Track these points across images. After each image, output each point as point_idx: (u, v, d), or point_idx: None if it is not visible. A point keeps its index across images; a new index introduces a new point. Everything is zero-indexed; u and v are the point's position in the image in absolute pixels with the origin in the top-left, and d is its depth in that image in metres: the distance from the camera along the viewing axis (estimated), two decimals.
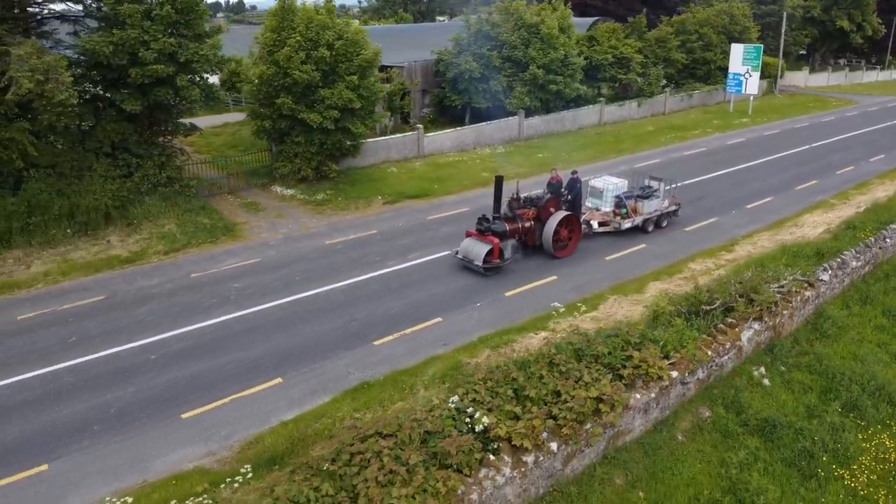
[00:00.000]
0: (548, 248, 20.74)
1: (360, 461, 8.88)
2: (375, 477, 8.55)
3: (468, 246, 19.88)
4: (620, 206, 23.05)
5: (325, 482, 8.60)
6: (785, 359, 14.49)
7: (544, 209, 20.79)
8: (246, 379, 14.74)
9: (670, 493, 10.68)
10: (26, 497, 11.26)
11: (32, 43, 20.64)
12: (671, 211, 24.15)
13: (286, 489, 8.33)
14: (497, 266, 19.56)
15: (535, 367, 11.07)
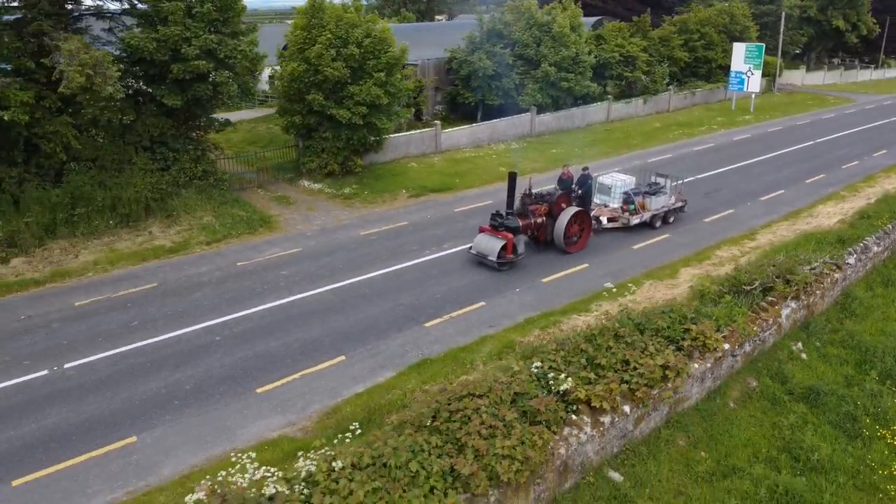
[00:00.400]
0: (559, 244, 21.07)
1: (461, 417, 9.72)
2: (478, 430, 9.39)
3: (482, 241, 20.18)
4: (628, 202, 23.49)
5: (433, 435, 9.44)
6: (819, 335, 15.50)
7: (556, 205, 21.12)
8: (310, 357, 15.53)
9: (730, 453, 11.61)
10: (124, 465, 12.00)
11: (79, 38, 21.34)
12: (678, 207, 24.63)
13: (401, 440, 9.16)
14: (510, 261, 19.90)
15: (601, 339, 11.95)
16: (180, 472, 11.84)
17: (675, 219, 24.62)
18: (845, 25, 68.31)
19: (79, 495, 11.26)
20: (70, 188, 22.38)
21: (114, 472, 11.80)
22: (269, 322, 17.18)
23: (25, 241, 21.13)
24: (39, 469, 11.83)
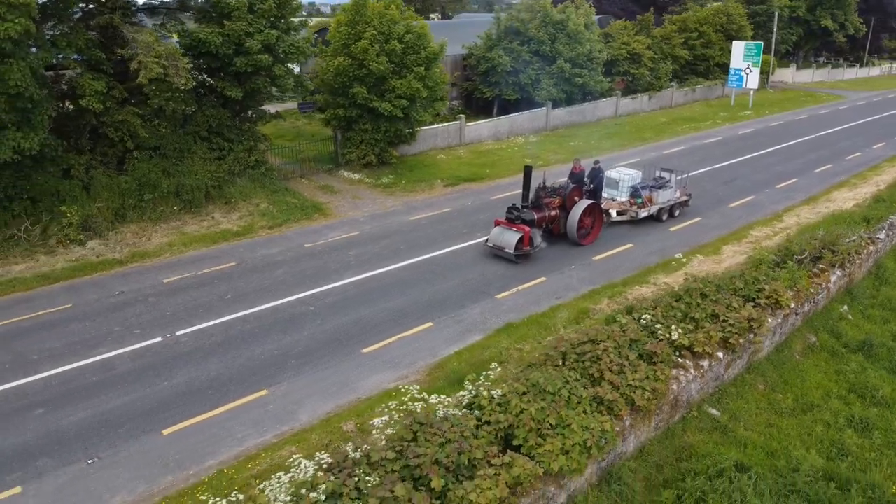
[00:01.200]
0: (572, 236, 21.53)
1: (590, 358, 11.34)
2: (609, 367, 11.02)
3: (498, 234, 20.49)
4: (636, 195, 24.14)
5: (569, 371, 11.04)
6: (861, 299, 17.39)
7: (569, 198, 21.56)
8: (401, 323, 17.02)
9: (805, 393, 13.37)
10: (263, 414, 13.42)
11: (150, 31, 22.61)
12: (683, 201, 25.35)
13: (542, 374, 10.74)
14: (527, 253, 20.33)
15: (688, 298, 13.63)
16: (318, 417, 13.30)
17: (680, 212, 25.35)
18: (833, 25, 71.13)
19: (229, 440, 12.65)
20: (137, 175, 23.59)
21: (255, 420, 13.22)
22: (354, 294, 18.63)
23: (99, 225, 22.34)
24: (185, 420, 13.19)
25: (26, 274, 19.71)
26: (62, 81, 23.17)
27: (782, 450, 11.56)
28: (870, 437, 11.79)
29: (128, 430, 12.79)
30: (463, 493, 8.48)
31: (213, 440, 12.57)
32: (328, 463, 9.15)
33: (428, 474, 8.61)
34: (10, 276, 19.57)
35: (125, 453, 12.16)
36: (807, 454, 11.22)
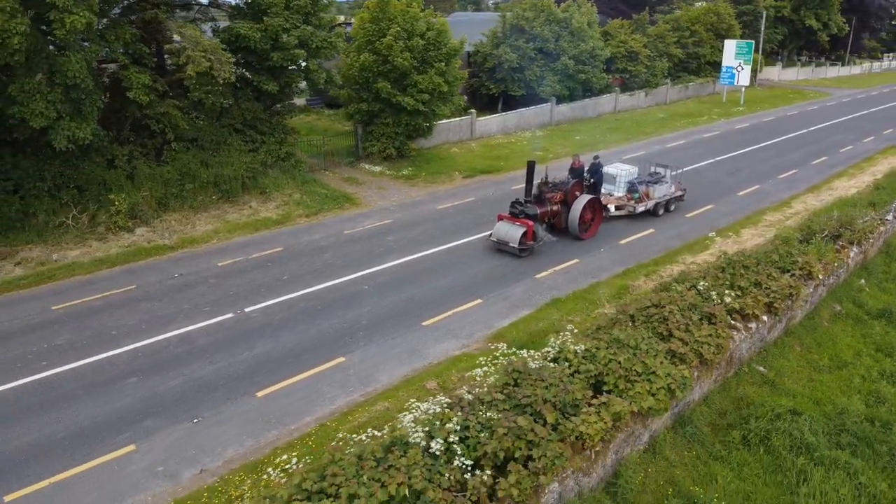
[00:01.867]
0: (573, 230, 21.94)
1: (657, 318, 12.67)
2: (677, 326, 12.36)
3: (502, 229, 20.83)
4: (632, 191, 24.69)
5: (641, 329, 12.36)
6: (875, 273, 18.98)
7: (570, 193, 22.01)
8: (453, 300, 18.24)
9: (837, 354, 14.85)
10: (346, 377, 14.58)
11: (194, 27, 23.59)
12: (678, 196, 25.85)
13: (621, 331, 12.05)
14: (530, 247, 20.72)
15: (731, 269, 15.03)
16: (397, 378, 14.51)
17: (675, 207, 25.91)
18: (817, 25, 73.58)
19: (320, 399, 13.81)
20: (178, 166, 24.54)
21: (340, 382, 14.39)
22: (403, 275, 19.82)
23: (145, 213, 23.26)
24: (274, 384, 14.30)
25: (83, 259, 20.61)
26: (104, 74, 24.06)
27: (826, 399, 12.99)
28: None
29: (223, 394, 13.87)
30: (573, 426, 9.75)
31: (305, 400, 13.71)
32: (447, 403, 10.36)
33: (540, 410, 9.86)
34: (68, 261, 20.46)
35: (226, 413, 13.25)
36: (849, 401, 12.66)
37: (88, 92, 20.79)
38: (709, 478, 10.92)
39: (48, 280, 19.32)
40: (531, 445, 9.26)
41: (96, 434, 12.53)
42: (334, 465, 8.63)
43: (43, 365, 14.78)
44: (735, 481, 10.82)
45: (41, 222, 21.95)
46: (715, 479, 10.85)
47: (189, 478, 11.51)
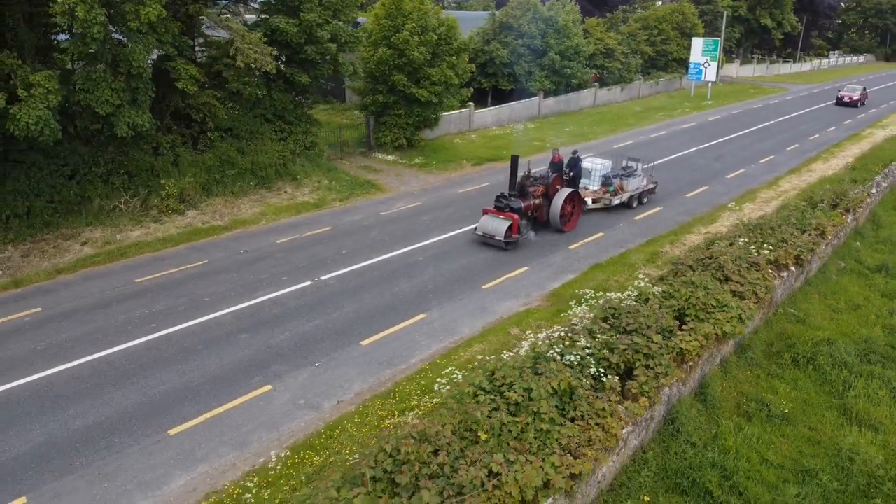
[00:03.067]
0: (555, 224, 22.61)
1: (713, 267, 15.09)
2: (732, 272, 14.80)
3: (488, 223, 21.37)
4: (607, 184, 25.42)
5: (702, 274, 14.76)
6: (868, 237, 21.96)
7: (551, 186, 22.58)
8: (501, 269, 20.34)
9: (849, 299, 17.56)
10: (431, 329, 16.56)
11: (234, 22, 25.15)
12: (650, 189, 26.78)
13: (693, 276, 14.40)
14: (515, 241, 21.30)
15: (759, 230, 17.60)
16: (478, 329, 16.60)
17: (648, 199, 26.81)
18: (772, 23, 78.25)
19: (417, 345, 15.80)
20: (218, 153, 26.05)
21: (429, 333, 16.39)
22: (450, 248, 21.84)
23: (192, 197, 24.73)
24: (374, 334, 16.20)
25: (147, 238, 22.02)
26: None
27: (851, 332, 15.63)
28: None
29: (330, 344, 15.73)
30: (674, 343, 12.04)
31: (405, 346, 15.70)
32: (563, 331, 12.53)
33: (645, 334, 12.12)
34: (132, 241, 21.85)
35: (339, 359, 15.13)
36: (870, 332, 15.32)
37: (145, 82, 22.21)
38: (770, 390, 13.37)
39: (120, 257, 20.71)
40: (647, 357, 11.49)
41: (231, 379, 14.25)
42: (500, 371, 10.69)
43: (153, 327, 16.34)
44: (792, 392, 13.28)
45: (96, 206, 23.19)
46: (776, 391, 13.30)
47: (329, 408, 13.38)
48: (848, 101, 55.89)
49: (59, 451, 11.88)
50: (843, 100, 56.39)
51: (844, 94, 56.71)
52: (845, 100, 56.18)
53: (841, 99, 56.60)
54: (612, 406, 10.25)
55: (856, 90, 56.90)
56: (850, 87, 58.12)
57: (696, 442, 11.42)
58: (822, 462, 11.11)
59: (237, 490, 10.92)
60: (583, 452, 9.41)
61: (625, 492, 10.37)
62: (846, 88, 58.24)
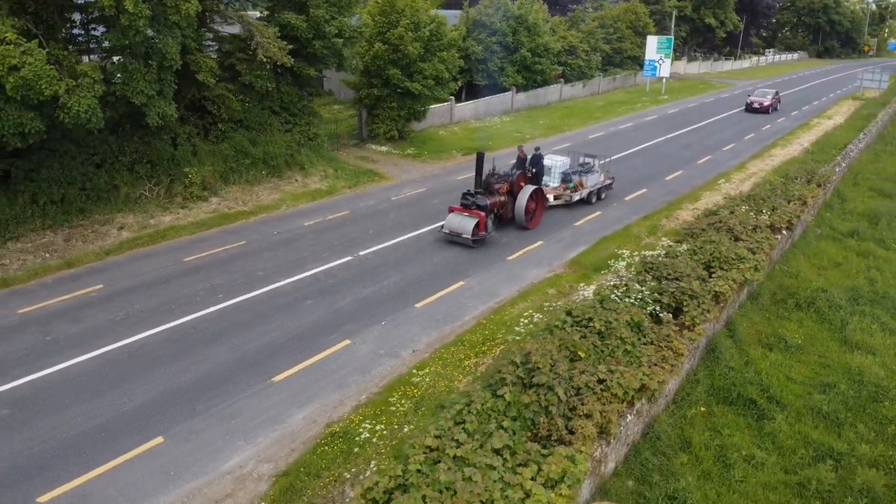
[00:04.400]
0: (520, 221, 22.75)
1: (724, 229, 17.57)
2: (741, 232, 17.30)
3: (455, 221, 21.37)
4: (567, 181, 25.83)
5: (719, 236, 17.22)
6: (836, 208, 25.06)
7: (516, 184, 22.87)
8: (519, 243, 22.39)
9: (830, 258, 20.40)
10: (473, 293, 18.50)
11: (249, 16, 26.57)
12: (607, 184, 27.39)
13: (706, 236, 16.82)
14: (483, 238, 21.41)
15: (752, 201, 20.24)
16: (514, 292, 18.62)
17: (605, 195, 27.41)
18: (715, 22, 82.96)
19: (465, 307, 17.73)
20: (233, 143, 27.37)
21: (473, 296, 18.36)
22: None
23: (213, 185, 26.03)
24: (423, 299, 18.02)
25: (180, 223, 23.28)
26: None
27: (838, 283, 18.38)
28: (883, 273, 18.93)
29: (389, 307, 17.54)
30: (710, 286, 14.39)
31: (455, 307, 17.64)
32: (616, 280, 14.73)
33: (686, 281, 14.43)
34: (165, 225, 23.08)
35: (401, 318, 16.95)
36: (854, 282, 18.10)
37: (171, 74, 23.46)
38: (782, 328, 15.90)
39: (160, 240, 21.97)
40: (692, 298, 13.79)
41: (311, 336, 15.91)
42: (577, 308, 12.80)
43: (220, 297, 17.81)
44: (799, 329, 15.85)
45: (123, 194, 24.28)
46: (786, 329, 15.84)
47: (407, 356, 15.24)
48: (758, 106, 50.84)
49: (176, 400, 13.36)
50: (752, 105, 51.11)
51: (754, 100, 51.36)
52: (755, 105, 50.94)
53: (750, 105, 51.24)
54: (674, 333, 12.47)
55: (766, 95, 52.01)
56: (760, 92, 53.14)
57: (733, 366, 13.78)
58: (837, 377, 13.63)
59: (353, 419, 12.68)
60: (660, 367, 11.58)
61: (685, 404, 12.61)
62: (756, 93, 53.05)
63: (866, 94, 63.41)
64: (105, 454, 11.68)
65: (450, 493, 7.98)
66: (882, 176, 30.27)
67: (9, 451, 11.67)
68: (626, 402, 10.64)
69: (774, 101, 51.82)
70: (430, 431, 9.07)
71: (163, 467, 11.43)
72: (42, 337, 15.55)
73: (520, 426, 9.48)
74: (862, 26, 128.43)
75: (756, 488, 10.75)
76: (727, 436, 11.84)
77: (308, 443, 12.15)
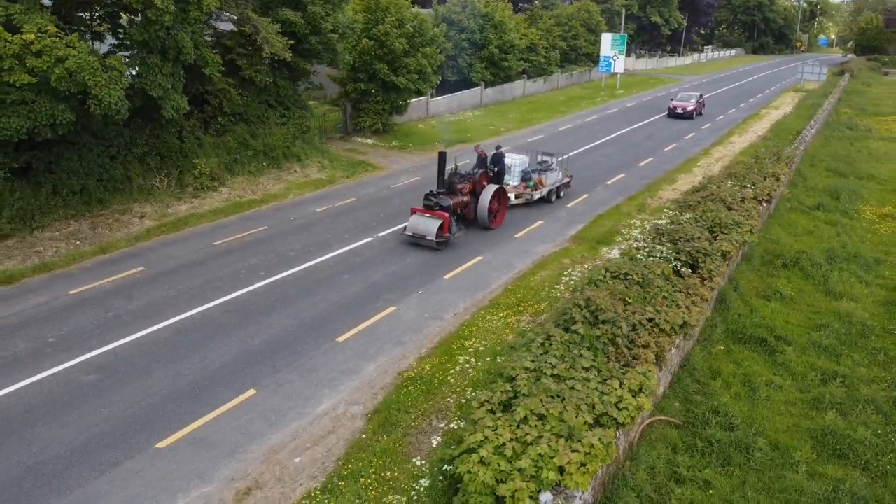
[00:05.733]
0: (483, 221, 22.48)
1: (718, 200, 19.85)
2: (732, 203, 19.61)
3: (418, 222, 20.90)
4: (526, 179, 25.80)
5: (712, 204, 19.48)
6: (799, 185, 27.83)
7: (478, 183, 22.72)
8: (522, 223, 24.24)
9: (803, 227, 23.01)
10: (490, 266, 20.26)
11: (252, 13, 27.74)
12: (566, 182, 27.44)
13: (704, 206, 19.04)
14: (447, 240, 20.99)
15: (735, 176, 22.65)
16: (528, 264, 20.42)
17: (564, 193, 27.44)
18: (661, 21, 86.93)
19: (488, 276, 19.48)
20: (235, 136, 28.49)
21: (493, 268, 20.11)
22: None
23: (220, 176, 27.11)
24: (448, 272, 19.69)
25: (198, 211, 24.32)
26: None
27: (814, 247, 20.90)
28: (850, 237, 21.60)
29: (420, 279, 19.15)
30: (718, 245, 16.56)
31: (480, 278, 19.38)
32: (638, 244, 16.74)
33: (697, 242, 16.57)
34: (183, 214, 24.10)
35: (434, 288, 18.60)
36: (828, 245, 20.67)
37: (185, 67, 24.51)
38: (774, 283, 18.23)
39: (183, 227, 23.01)
40: (705, 256, 15.91)
41: (358, 304, 17.41)
42: (611, 265, 14.74)
43: (261, 275, 19.11)
44: (788, 284, 18.21)
45: (137, 185, 25.17)
46: (777, 284, 18.18)
47: (450, 318, 16.92)
48: (682, 111, 46.37)
49: (255, 360, 14.71)
50: (675, 111, 46.49)
51: (677, 104, 46.67)
52: (678, 111, 46.41)
53: (673, 110, 46.54)
54: (698, 283, 14.55)
55: (690, 98, 47.53)
56: (683, 96, 48.58)
57: (741, 313, 15.98)
58: (829, 319, 15.99)
59: (422, 367, 14.32)
60: (695, 307, 13.61)
61: (707, 343, 14.71)
62: (679, 97, 48.56)
63: (806, 86, 67.86)
64: (204, 406, 12.99)
65: (559, 399, 9.75)
66: (835, 158, 33.42)
67: (108, 411, 12.79)
68: (671, 336, 12.60)
69: (699, 105, 47.48)
70: (525, 357, 10.80)
71: (263, 413, 12.83)
72: (104, 313, 16.60)
73: (593, 355, 11.31)
74: (794, 23, 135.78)
75: (779, 405, 12.88)
76: (748, 366, 13.96)
77: (386, 388, 13.72)
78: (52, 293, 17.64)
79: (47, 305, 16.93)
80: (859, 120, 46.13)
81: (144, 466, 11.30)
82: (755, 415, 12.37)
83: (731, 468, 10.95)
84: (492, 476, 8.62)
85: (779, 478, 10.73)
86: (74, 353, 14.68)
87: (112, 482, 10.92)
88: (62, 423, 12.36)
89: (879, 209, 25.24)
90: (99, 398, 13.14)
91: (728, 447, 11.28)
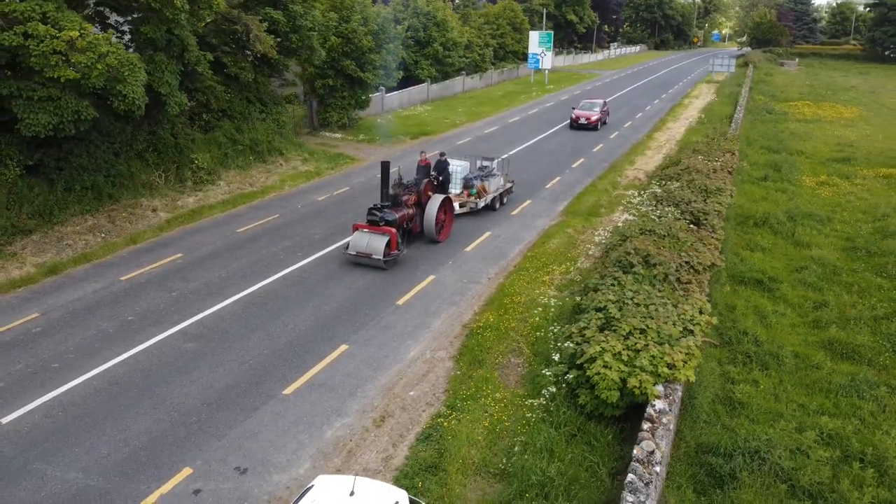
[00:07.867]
0: (430, 234, 21.23)
1: (694, 171, 23.01)
2: (708, 174, 22.83)
3: (362, 240, 19.25)
4: (469, 186, 24.69)
5: (690, 177, 22.61)
6: (744, 158, 31.68)
7: (423, 193, 21.30)
8: (515, 202, 26.84)
9: (758, 194, 26.63)
10: (502, 240, 22.63)
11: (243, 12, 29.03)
12: (508, 188, 26.52)
13: (682, 180, 22.12)
14: (395, 258, 19.42)
15: (701, 151, 26.00)
16: (535, 236, 22.96)
17: (507, 199, 26.48)
18: (576, 19, 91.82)
19: (503, 248, 21.81)
20: (224, 132, 29.65)
21: (505, 240, 22.45)
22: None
23: (216, 170, 28.27)
24: (467, 246, 21.93)
25: (206, 203, 25.45)
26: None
27: (773, 209, 24.43)
28: (800, 201, 25.39)
29: (443, 254, 21.19)
30: (712, 206, 19.60)
31: (496, 249, 21.72)
32: (646, 207, 19.55)
33: (695, 203, 19.56)
34: (193, 206, 25.19)
35: (459, 260, 20.76)
36: (787, 206, 24.29)
37: (184, 65, 25.63)
38: (751, 238, 21.52)
39: (198, 218, 24.16)
40: (704, 214, 18.89)
41: (400, 276, 19.32)
42: (639, 223, 17.45)
43: (299, 255, 20.72)
44: (762, 240, 21.55)
45: (138, 181, 26.05)
46: (754, 239, 21.47)
47: (486, 280, 19.19)
48: (585, 122, 42.12)
49: (334, 322, 16.44)
50: (577, 121, 42.25)
51: (580, 115, 42.46)
52: (581, 121, 42.17)
53: (576, 121, 42.30)
54: (707, 235, 17.48)
55: (594, 107, 43.34)
56: (586, 104, 44.14)
57: (735, 261, 19.05)
58: (805, 263, 19.32)
59: (485, 317, 16.53)
60: (713, 252, 16.48)
61: (717, 285, 17.64)
62: (582, 106, 44.07)
63: (716, 77, 73.89)
64: (308, 360, 14.70)
65: (650, 318, 12.25)
66: (765, 137, 37.81)
67: (224, 369, 14.27)
68: (702, 274, 15.38)
69: (603, 113, 43.59)
70: (608, 292, 13.26)
71: (365, 361, 14.71)
72: (167, 293, 17.86)
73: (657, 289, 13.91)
74: (691, 20, 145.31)
75: (786, 327, 15.92)
76: (755, 300, 16.98)
77: (460, 336, 15.85)
78: (105, 280, 18.65)
79: (106, 290, 17.97)
80: (775, 105, 51.45)
81: (283, 409, 12.97)
82: (772, 335, 15.32)
83: (768, 371, 13.79)
84: (617, 375, 10.99)
85: (807, 375, 13.66)
86: (163, 326, 15.97)
87: (260, 422, 12.55)
88: (186, 381, 13.79)
89: (816, 178, 29.38)
90: (207, 360, 14.60)
91: (763, 356, 14.13)
